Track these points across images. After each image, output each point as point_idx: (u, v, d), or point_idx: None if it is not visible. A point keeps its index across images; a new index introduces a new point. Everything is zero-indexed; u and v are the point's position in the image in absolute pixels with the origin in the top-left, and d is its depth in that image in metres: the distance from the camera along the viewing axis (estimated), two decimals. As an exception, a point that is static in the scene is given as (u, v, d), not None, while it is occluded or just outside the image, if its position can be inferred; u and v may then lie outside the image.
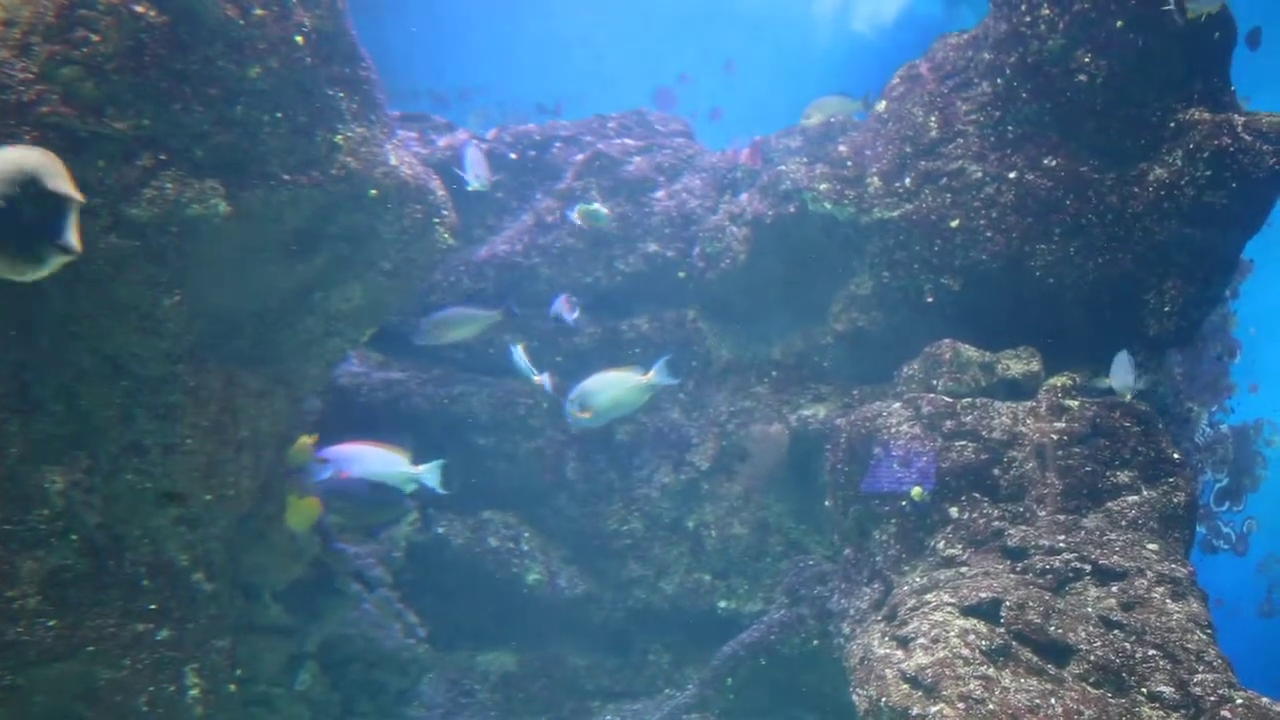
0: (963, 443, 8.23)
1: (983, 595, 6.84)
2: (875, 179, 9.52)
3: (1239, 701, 5.99)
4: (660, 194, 11.75)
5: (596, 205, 10.84)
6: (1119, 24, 8.41)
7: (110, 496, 7.39)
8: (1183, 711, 6.01)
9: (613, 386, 9.51)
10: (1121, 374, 8.18)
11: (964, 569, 7.54)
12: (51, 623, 7.02)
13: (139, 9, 6.85)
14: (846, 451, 8.83)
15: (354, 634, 9.52)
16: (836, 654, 8.42)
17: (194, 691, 7.79)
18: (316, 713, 9.22)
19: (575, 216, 10.82)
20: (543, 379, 10.11)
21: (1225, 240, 8.80)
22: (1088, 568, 7.20)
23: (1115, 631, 6.60)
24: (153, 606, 7.57)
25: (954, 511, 8.06)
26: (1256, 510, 17.29)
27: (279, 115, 7.63)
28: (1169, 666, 6.30)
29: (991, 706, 5.95)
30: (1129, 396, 8.18)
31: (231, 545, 8.42)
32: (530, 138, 12.55)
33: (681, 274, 11.38)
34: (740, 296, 11.07)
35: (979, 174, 9.05)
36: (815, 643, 9.34)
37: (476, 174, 10.32)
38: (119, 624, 7.37)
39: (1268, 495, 17.10)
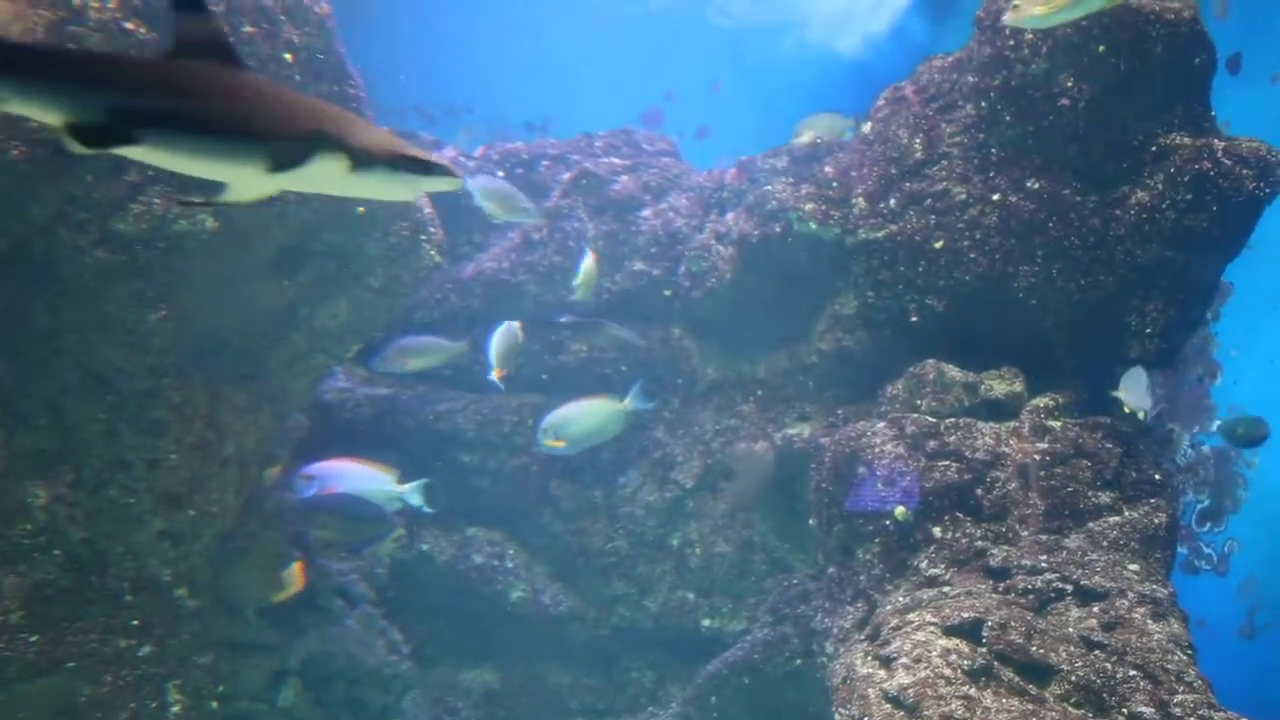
0: (946, 463, 8.28)
1: (965, 615, 6.87)
2: (860, 200, 9.57)
3: (1218, 722, 6.04)
4: (647, 212, 11.79)
5: (581, 279, 10.56)
6: (1101, 49, 8.49)
7: (94, 511, 7.38)
8: (1163, 732, 6.05)
9: (587, 415, 9.48)
10: (1137, 392, 8.20)
11: (947, 589, 7.57)
12: (33, 638, 7.00)
13: (129, 26, 6.88)
14: (831, 471, 8.86)
15: (337, 650, 9.49)
16: (820, 673, 8.44)
17: (176, 708, 7.77)
18: (298, 729, 9.20)
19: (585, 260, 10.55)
20: (494, 378, 9.89)
21: (1206, 263, 8.87)
22: (1069, 588, 7.24)
23: (1096, 652, 6.64)
24: (135, 622, 7.55)
25: (937, 531, 8.09)
26: (1237, 531, 17.35)
27: (267, 131, 7.65)
28: (1150, 687, 6.33)
29: (973, 726, 5.98)
30: (1143, 415, 8.21)
31: (215, 561, 8.40)
32: (518, 156, 12.58)
33: (667, 292, 11.41)
34: (726, 315, 11.10)
35: (963, 196, 9.11)
36: (799, 662, 9.35)
37: (525, 206, 10.08)
38: (101, 639, 7.35)
39: (1249, 516, 17.16)
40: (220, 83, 4.02)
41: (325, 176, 4.13)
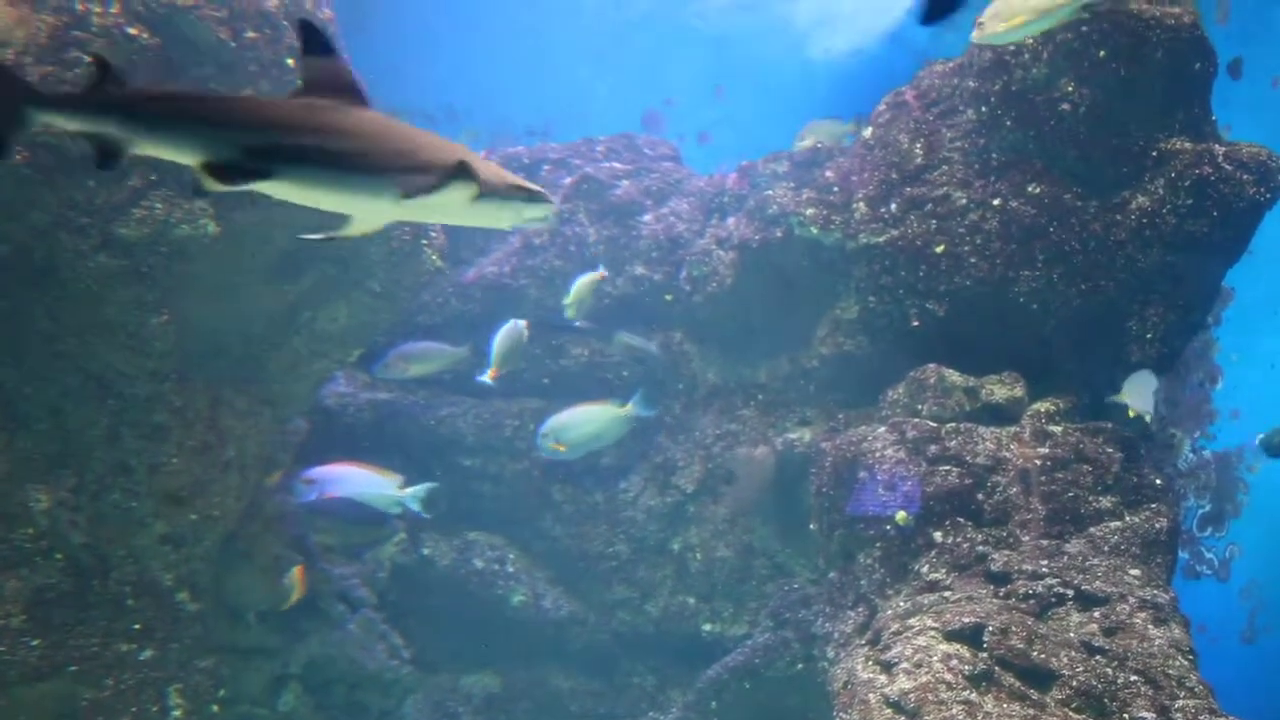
0: (947, 467, 8.27)
1: (966, 620, 6.87)
2: (861, 204, 9.58)
3: (1219, 727, 6.03)
4: (648, 217, 11.80)
5: (572, 297, 10.35)
6: (1101, 54, 8.50)
7: (95, 516, 7.39)
8: (1164, 737, 6.05)
9: (589, 420, 9.46)
10: (1143, 394, 8.18)
11: (948, 593, 7.57)
12: (35, 642, 7.01)
13: (132, 31, 6.89)
14: (832, 475, 8.87)
15: (337, 655, 9.49)
16: (820, 678, 8.43)
17: (177, 712, 7.78)
18: (299, 734, 9.20)
19: None
20: (485, 377, 9.84)
21: (1206, 268, 8.88)
22: (1070, 593, 7.23)
23: (1097, 657, 6.64)
24: (137, 626, 7.57)
25: (938, 536, 8.09)
26: (1239, 536, 17.36)
27: (269, 136, 7.65)
28: (1151, 692, 6.33)
29: (974, 731, 5.98)
30: (1148, 418, 8.22)
31: (216, 565, 8.41)
32: (519, 160, 12.59)
33: (668, 297, 11.42)
34: (726, 320, 11.10)
35: (964, 200, 9.12)
36: (799, 666, 9.35)
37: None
38: (103, 644, 7.36)
39: (1250, 521, 17.17)
40: (349, 118, 4.23)
41: (451, 205, 4.37)
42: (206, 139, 3.98)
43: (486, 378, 9.73)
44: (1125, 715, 6.18)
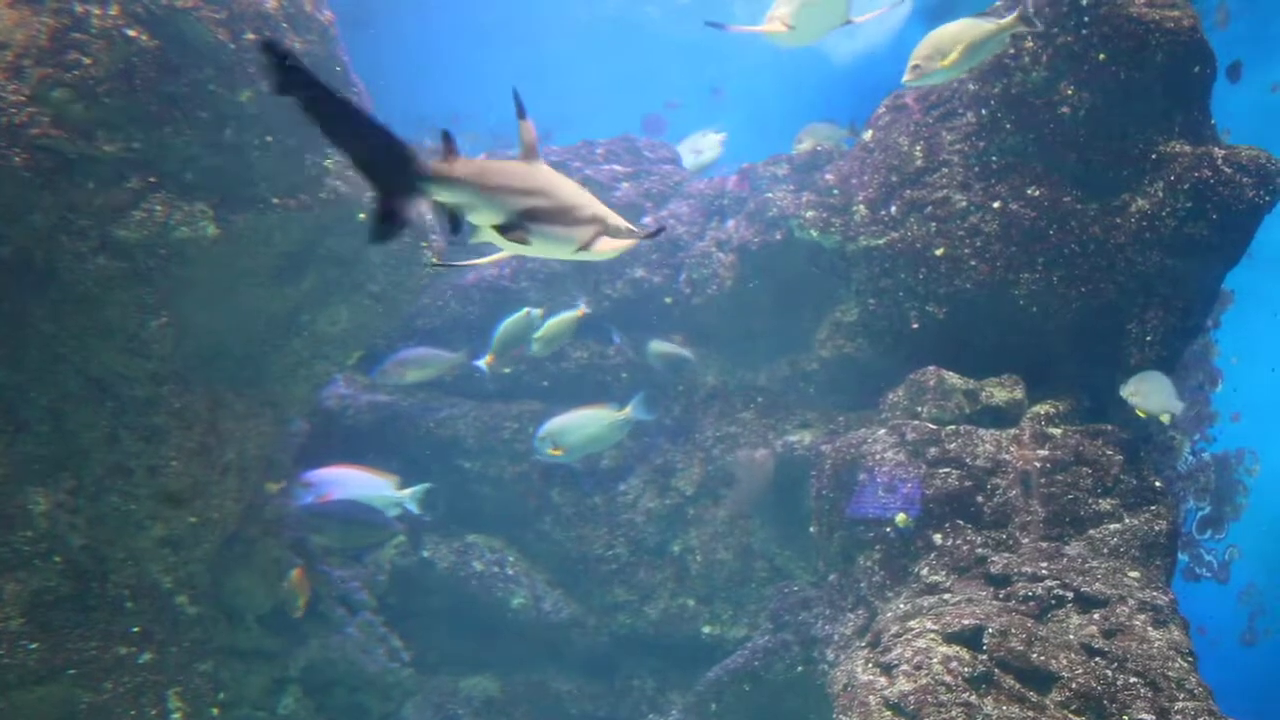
0: (947, 470, 8.28)
1: (966, 622, 6.87)
2: (861, 207, 9.59)
3: (1219, 729, 6.03)
4: (648, 220, 11.81)
5: (542, 333, 9.97)
6: (1101, 57, 8.51)
7: (94, 518, 7.38)
8: (1164, 739, 6.05)
9: (586, 424, 9.45)
10: (1164, 396, 8.17)
11: (947, 596, 7.57)
12: (33, 645, 7.00)
13: (131, 33, 6.89)
14: (832, 478, 8.87)
15: (337, 658, 9.48)
16: (820, 680, 8.43)
17: (176, 715, 7.76)
18: (299, 737, 9.19)
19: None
20: (480, 365, 9.91)
21: (1206, 271, 8.89)
22: (1070, 595, 7.24)
23: (1097, 659, 6.64)
24: (136, 629, 7.55)
25: (938, 538, 8.09)
26: (1238, 539, 17.36)
27: (269, 139, 7.67)
28: (1150, 694, 6.33)
29: (974, 733, 5.98)
30: (1167, 419, 8.23)
31: (215, 568, 8.40)
32: (519, 163, 12.57)
33: (668, 300, 11.42)
34: (726, 323, 11.11)
35: (964, 203, 9.13)
36: (799, 669, 9.34)
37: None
38: (101, 647, 7.35)
39: (1249, 524, 17.16)
40: (549, 178, 4.69)
41: (601, 253, 4.82)
42: (510, 204, 4.41)
43: (483, 363, 9.73)
44: (1125, 717, 6.18)
